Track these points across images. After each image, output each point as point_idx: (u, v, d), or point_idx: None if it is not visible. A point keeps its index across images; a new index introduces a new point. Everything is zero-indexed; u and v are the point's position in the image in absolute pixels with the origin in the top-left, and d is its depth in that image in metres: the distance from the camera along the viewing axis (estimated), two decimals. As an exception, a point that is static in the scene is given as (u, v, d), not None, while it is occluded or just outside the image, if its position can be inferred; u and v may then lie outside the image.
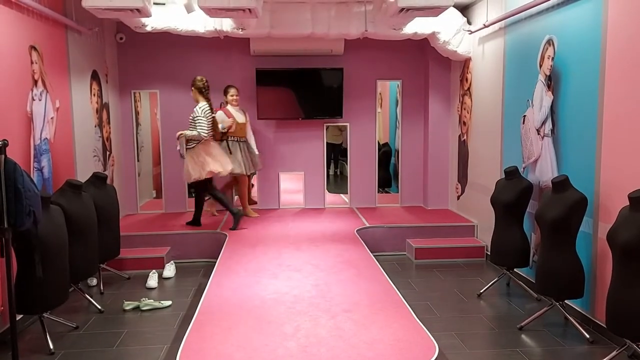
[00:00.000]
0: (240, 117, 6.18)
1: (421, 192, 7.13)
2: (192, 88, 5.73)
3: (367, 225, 6.02)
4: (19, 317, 3.71)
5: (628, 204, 3.04)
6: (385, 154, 7.90)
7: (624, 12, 3.40)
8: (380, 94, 7.24)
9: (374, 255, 4.99)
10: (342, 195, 7.53)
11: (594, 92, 3.68)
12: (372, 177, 7.06)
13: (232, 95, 6.16)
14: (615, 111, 3.49)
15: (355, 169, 7.05)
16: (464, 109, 6.30)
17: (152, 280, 4.83)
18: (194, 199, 6.15)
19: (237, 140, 6.15)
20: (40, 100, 4.31)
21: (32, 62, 4.18)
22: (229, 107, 6.18)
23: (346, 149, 7.23)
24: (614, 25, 3.49)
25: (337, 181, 9.36)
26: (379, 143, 7.25)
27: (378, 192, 7.17)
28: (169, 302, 4.35)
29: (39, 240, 3.29)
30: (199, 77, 5.72)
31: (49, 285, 3.46)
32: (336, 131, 8.46)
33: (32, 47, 4.18)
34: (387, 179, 7.92)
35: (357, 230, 5.77)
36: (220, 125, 5.92)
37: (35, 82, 4.23)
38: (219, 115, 6.00)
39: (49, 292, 3.49)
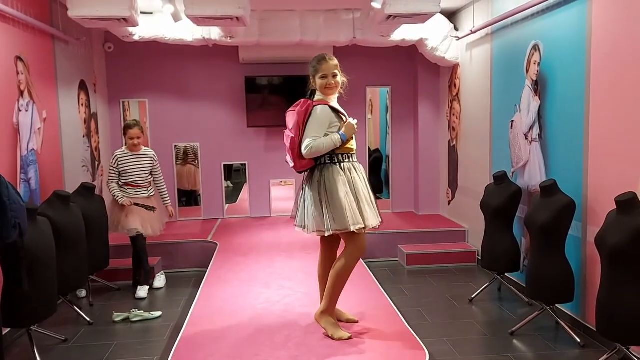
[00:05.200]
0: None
1: (412, 198, 7.14)
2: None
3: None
4: (6, 330, 3.68)
5: (615, 207, 3.06)
6: (376, 160, 7.90)
7: (608, 17, 3.44)
8: (370, 100, 7.26)
9: (365, 262, 4.98)
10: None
11: (580, 97, 3.71)
12: (363, 183, 7.05)
13: (322, 78, 3.27)
14: (601, 115, 3.52)
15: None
16: (453, 115, 6.32)
17: (142, 291, 4.79)
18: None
19: (352, 161, 3.40)
20: (26, 111, 4.28)
21: (18, 73, 4.15)
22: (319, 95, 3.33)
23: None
24: (598, 30, 3.52)
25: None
26: (369, 149, 7.27)
27: (369, 198, 7.15)
28: (159, 313, 4.31)
29: (26, 252, 3.25)
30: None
31: (36, 297, 3.41)
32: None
33: (18, 58, 4.16)
34: (378, 185, 7.92)
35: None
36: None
37: (22, 92, 4.20)
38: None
39: (37, 304, 3.44)
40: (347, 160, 3.31)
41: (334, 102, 3.35)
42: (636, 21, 3.18)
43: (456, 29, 6.05)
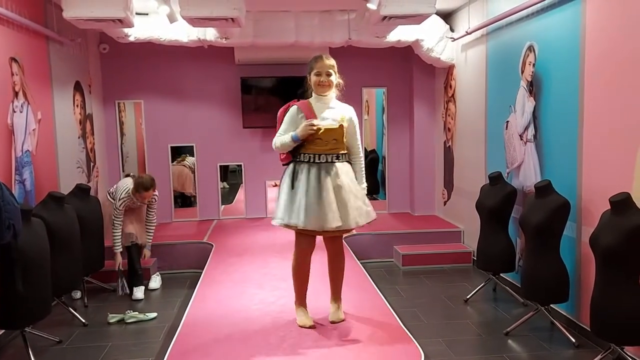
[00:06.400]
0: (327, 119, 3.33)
1: (408, 199, 7.14)
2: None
3: (355, 232, 6.00)
4: (0, 332, 3.67)
5: (609, 207, 3.07)
6: (373, 161, 7.91)
7: (602, 18, 3.45)
8: (367, 101, 7.26)
9: (361, 263, 4.99)
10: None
11: (575, 97, 3.72)
12: (359, 184, 7.06)
13: (316, 75, 3.34)
14: (595, 116, 3.53)
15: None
16: (449, 116, 6.34)
17: (139, 292, 4.78)
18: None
19: (312, 162, 3.31)
20: (21, 112, 4.26)
21: (12, 74, 4.14)
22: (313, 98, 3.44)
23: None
24: (593, 31, 3.54)
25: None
26: (366, 150, 7.26)
27: (365, 199, 7.16)
28: (154, 314, 4.30)
29: (20, 253, 3.24)
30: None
31: (30, 299, 3.39)
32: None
33: (13, 59, 4.14)
34: (374, 186, 7.93)
35: (344, 238, 5.74)
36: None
37: (16, 94, 4.19)
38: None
39: (31, 306, 3.43)
40: (308, 161, 3.31)
41: (332, 102, 3.41)
42: (630, 22, 3.20)
43: (452, 30, 6.06)
